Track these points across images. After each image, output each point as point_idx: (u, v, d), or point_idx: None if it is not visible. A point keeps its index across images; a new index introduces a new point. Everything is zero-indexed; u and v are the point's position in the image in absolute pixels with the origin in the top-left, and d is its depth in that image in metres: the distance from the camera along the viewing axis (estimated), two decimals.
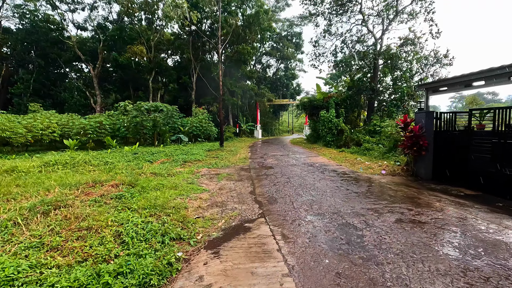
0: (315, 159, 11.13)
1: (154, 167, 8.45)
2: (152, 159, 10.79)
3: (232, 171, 8.44)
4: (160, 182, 6.23)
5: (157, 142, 17.41)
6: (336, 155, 12.40)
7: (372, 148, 12.54)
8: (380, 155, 10.91)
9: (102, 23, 31.73)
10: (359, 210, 4.68)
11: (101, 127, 16.63)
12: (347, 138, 15.16)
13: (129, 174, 7.25)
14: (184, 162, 10.16)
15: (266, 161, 10.79)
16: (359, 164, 9.72)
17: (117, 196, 4.97)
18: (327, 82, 22.73)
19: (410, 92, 15.99)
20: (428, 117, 7.56)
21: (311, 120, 22.04)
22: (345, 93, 19.86)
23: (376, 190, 6.09)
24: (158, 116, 16.95)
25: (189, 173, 7.84)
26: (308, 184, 6.62)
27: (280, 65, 43.62)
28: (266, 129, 39.71)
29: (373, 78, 18.35)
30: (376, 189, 6.24)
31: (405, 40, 17.50)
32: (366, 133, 15.70)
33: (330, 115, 15.73)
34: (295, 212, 4.59)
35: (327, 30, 19.10)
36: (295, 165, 9.61)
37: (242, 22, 31.25)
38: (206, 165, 9.50)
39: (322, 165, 9.60)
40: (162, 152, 12.46)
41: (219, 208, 4.79)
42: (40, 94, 31.49)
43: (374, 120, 15.61)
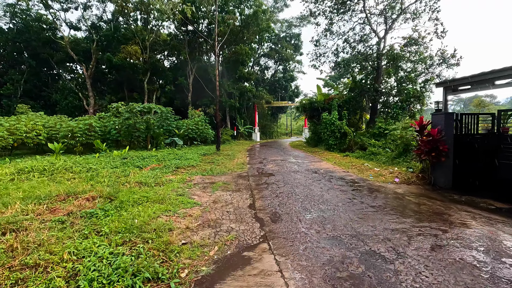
0: (319, 165, 10.30)
1: (142, 175, 7.57)
2: (142, 164, 9.93)
3: (229, 179, 7.59)
4: (144, 194, 5.37)
5: (150, 146, 16.52)
6: (341, 160, 11.59)
7: (379, 153, 11.75)
8: (389, 161, 10.11)
9: (96, 23, 30.87)
10: (382, 231, 3.85)
11: (90, 129, 15.73)
12: (350, 142, 14.37)
13: (112, 184, 6.38)
14: (177, 168, 9.30)
15: (266, 167, 9.96)
16: (368, 170, 8.91)
17: (88, 214, 4.10)
18: (328, 83, 21.99)
19: (416, 93, 15.25)
20: (448, 119, 6.78)
21: (311, 122, 21.26)
22: (347, 94, 19.12)
23: (395, 203, 5.27)
24: (151, 118, 16.08)
25: (180, 182, 6.98)
26: (316, 196, 5.79)
27: (279, 66, 42.92)
28: (264, 131, 38.91)
29: (376, 79, 17.64)
30: (395, 201, 5.41)
31: (409, 39, 16.81)
32: (370, 136, 14.93)
33: (333, 118, 14.94)
34: (304, 235, 3.75)
35: (328, 29, 18.38)
36: (298, 172, 8.78)
37: (240, 22, 30.55)
38: (200, 171, 8.64)
39: (327, 172, 8.78)
40: (154, 157, 11.58)
41: (212, 229, 3.93)
42: (32, 95, 30.53)
43: (379, 123, 14.84)
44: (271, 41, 39.37)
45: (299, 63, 41.76)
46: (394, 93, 16.59)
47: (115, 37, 29.01)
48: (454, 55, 15.17)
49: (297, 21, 38.32)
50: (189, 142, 20.16)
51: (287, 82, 42.92)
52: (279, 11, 38.02)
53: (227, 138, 25.86)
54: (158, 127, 16.94)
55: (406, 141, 9.95)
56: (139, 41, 28.28)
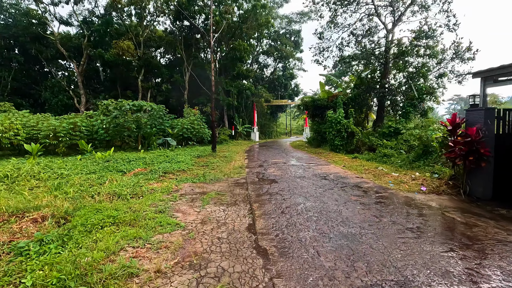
0: (327, 169, 9.11)
1: (119, 183, 6.35)
2: (126, 168, 8.72)
3: (224, 188, 6.38)
4: (112, 212, 4.15)
5: (141, 146, 15.29)
6: (350, 162, 10.40)
7: (392, 154, 10.57)
8: (406, 164, 8.92)
9: (87, 18, 29.53)
10: (439, 273, 2.65)
11: (75, 129, 14.48)
12: (358, 142, 13.19)
13: (78, 196, 5.17)
14: (164, 173, 8.08)
15: (267, 171, 8.75)
16: (385, 176, 7.72)
17: (17, 249, 2.89)
18: (331, 80, 20.79)
19: (429, 90, 14.10)
20: (489, 115, 5.60)
21: (313, 121, 20.08)
22: (352, 91, 17.95)
23: (437, 224, 4.08)
24: (142, 116, 14.84)
25: (164, 192, 5.76)
26: (331, 212, 4.59)
27: (278, 64, 41.70)
28: (263, 131, 37.71)
29: (384, 75, 16.47)
30: (435, 221, 4.22)
31: (419, 33, 15.62)
32: (379, 136, 13.76)
33: (339, 116, 13.75)
34: (329, 282, 2.55)
35: (332, 21, 17.16)
36: (305, 178, 7.58)
37: (238, 18, 29.33)
38: (191, 178, 7.43)
39: (338, 178, 7.59)
40: (142, 159, 10.36)
41: (194, 273, 2.72)
42: (21, 93, 29.19)
43: (389, 122, 13.67)
44: (270, 38, 38.15)
45: (299, 61, 40.61)
46: (404, 90, 15.42)
47: (108, 32, 27.70)
48: (470, 48, 14.01)
49: (297, 17, 37.13)
50: (183, 142, 18.93)
51: (286, 80, 41.71)
52: (279, 6, 36.84)
53: (225, 138, 24.64)
54: (150, 126, 15.72)
55: (426, 142, 8.76)
56: (132, 36, 27.02)
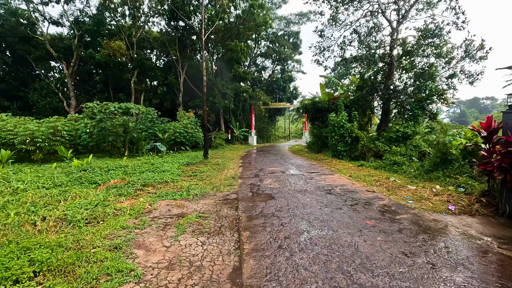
0: (331, 179, 7.99)
1: (82, 201, 5.20)
2: (101, 179, 7.58)
3: (209, 207, 5.24)
4: (45, 253, 3.01)
5: (128, 152, 14.13)
6: (356, 171, 9.29)
7: (403, 162, 9.47)
8: (422, 174, 7.81)
9: (79, 17, 28.45)
10: None
11: (56, 133, 13.34)
12: (363, 148, 12.10)
13: (17, 222, 4.02)
14: (143, 186, 6.93)
15: (263, 182, 7.62)
16: (399, 189, 6.62)
17: None
18: (333, 81, 19.76)
19: (439, 91, 13.06)
20: None
21: (313, 125, 19.00)
22: (355, 93, 16.90)
23: (493, 269, 2.96)
24: (128, 119, 13.70)
25: (133, 215, 4.62)
26: (345, 246, 3.47)
27: (276, 66, 40.74)
28: (261, 135, 36.60)
29: (389, 76, 15.45)
30: (489, 264, 3.10)
31: (425, 31, 14.63)
32: (386, 141, 12.69)
33: (342, 119, 12.66)
34: None
35: (334, 18, 16.16)
36: (306, 192, 6.45)
37: (234, 18, 28.39)
38: (172, 192, 6.28)
39: (346, 192, 6.47)
40: (123, 168, 9.22)
41: None
42: (9, 96, 28.04)
43: (396, 125, 12.59)
44: (269, 40, 37.25)
45: (298, 63, 39.70)
46: (411, 91, 14.37)
47: (99, 32, 26.64)
48: (483, 47, 13.02)
49: (296, 17, 36.29)
50: (176, 147, 17.80)
51: (285, 83, 40.72)
52: (277, 7, 35.98)
53: (220, 143, 23.50)
54: (138, 131, 14.58)
55: (444, 149, 7.68)
56: (125, 36, 25.97)
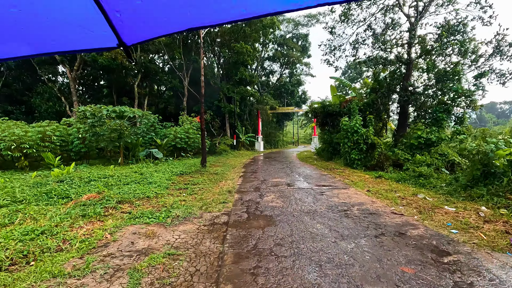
0: (346, 195, 6.66)
1: (29, 227, 4.07)
2: (76, 192, 6.52)
3: (187, 237, 4.01)
4: None
5: (121, 159, 13.10)
6: (375, 184, 7.92)
7: (429, 174, 8.05)
8: (458, 190, 6.40)
9: None
10: None
11: (45, 139, 12.46)
12: (381, 157, 10.69)
13: None
14: (119, 202, 5.78)
15: (264, 199, 6.35)
16: (434, 210, 5.24)
17: None
18: (344, 83, 18.41)
19: (465, 92, 11.59)
20: None
21: (323, 130, 17.65)
22: (369, 95, 15.52)
23: None
24: (121, 124, 12.70)
25: (80, 250, 3.43)
26: None
27: (284, 70, 39.59)
28: (268, 140, 35.33)
29: (407, 76, 14.06)
30: None
31: (448, 27, 13.21)
32: (406, 149, 11.26)
33: (356, 124, 11.30)
34: None
35: (345, 15, 14.90)
36: (316, 213, 5.16)
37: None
38: (149, 212, 5.09)
39: (366, 214, 5.15)
40: (106, 179, 8.13)
41: None
42: (13, 100, 27.79)
43: (418, 131, 11.15)
44: (276, 43, 36.21)
45: (307, 66, 38.43)
46: (433, 93, 12.92)
47: None
48: None
49: (304, 19, 35.19)
50: (176, 153, 16.73)
51: (293, 86, 39.51)
52: None
53: (225, 149, 22.35)
54: (134, 136, 13.58)
55: (486, 160, 6.25)
56: None
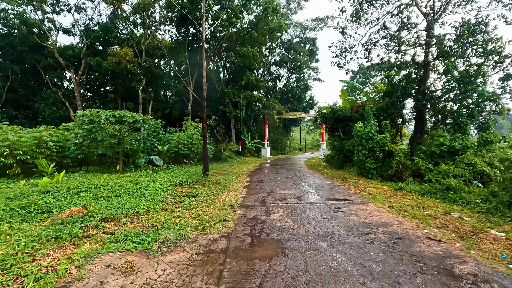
0: (366, 212, 5.74)
1: None
2: (60, 206, 5.81)
3: (174, 273, 3.17)
4: None
5: (119, 166, 12.41)
6: (396, 199, 6.97)
7: (459, 187, 7.08)
8: (499, 208, 5.44)
9: (89, 26, 27.96)
10: None
11: (41, 145, 11.88)
12: (399, 166, 9.72)
13: None
14: (103, 219, 5.01)
15: (270, 217, 5.49)
16: (477, 234, 4.31)
17: None
18: (356, 87, 17.51)
19: (491, 96, 10.59)
20: None
21: (333, 136, 16.75)
22: (383, 100, 14.60)
23: None
24: (120, 129, 12.04)
25: None
26: None
27: (292, 75, 38.88)
28: (275, 146, 34.46)
29: (424, 79, 13.13)
30: None
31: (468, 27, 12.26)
32: (426, 157, 10.27)
33: (372, 130, 10.37)
34: None
35: (356, 15, 14.10)
36: (335, 239, 4.27)
37: (247, 24, 26.98)
38: (135, 234, 4.29)
39: (395, 238, 4.24)
40: (97, 190, 7.40)
41: None
42: (18, 105, 27.71)
43: (440, 138, 10.16)
44: (283, 47, 35.62)
45: (315, 70, 37.61)
46: (454, 96, 11.92)
47: (108, 40, 25.89)
48: None
49: (312, 23, 34.54)
50: (178, 160, 16.02)
51: (301, 91, 38.72)
52: (292, 13, 34.42)
53: (230, 155, 21.57)
54: (134, 142, 12.92)
55: None
56: (133, 43, 25.01)
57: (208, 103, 28.05)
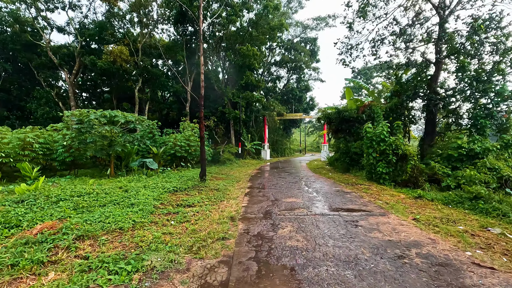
0: (389, 227, 4.93)
1: None
2: (32, 218, 4.98)
3: None
4: None
5: (110, 170, 11.55)
6: (417, 208, 6.16)
7: (489, 196, 6.28)
8: None
9: (86, 25, 27.12)
10: None
11: (25, 147, 11.02)
12: (414, 170, 8.92)
13: None
14: (78, 238, 4.18)
15: (278, 233, 4.66)
16: None
17: None
18: (360, 85, 16.74)
19: (511, 95, 9.83)
20: None
21: (338, 138, 15.95)
22: (390, 99, 13.83)
23: None
24: (111, 129, 11.20)
25: None
26: None
27: (292, 76, 38.11)
28: (275, 148, 33.64)
29: (435, 77, 12.38)
30: None
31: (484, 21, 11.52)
32: (443, 160, 9.48)
33: (383, 131, 9.57)
34: None
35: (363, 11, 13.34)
36: (360, 264, 3.46)
37: (247, 22, 26.23)
38: (114, 258, 3.47)
39: (432, 262, 3.44)
40: (80, 198, 6.56)
41: None
42: (10, 105, 26.77)
43: (458, 140, 9.38)
44: (284, 47, 34.88)
45: (316, 70, 36.86)
46: (469, 95, 11.15)
47: (103, 38, 25.04)
48: None
49: (313, 22, 33.84)
50: (175, 163, 15.17)
51: (301, 92, 37.93)
52: (293, 12, 33.69)
53: (229, 157, 20.74)
54: (126, 144, 12.07)
55: None
56: (130, 42, 24.17)
57: (207, 103, 27.24)
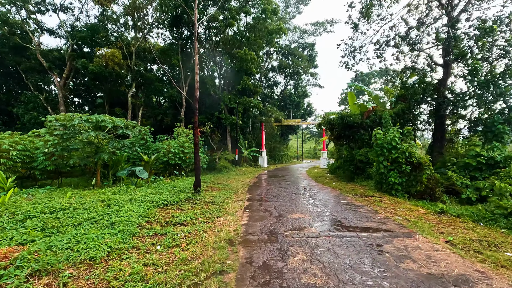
0: (422, 254, 4.07)
1: None
2: None
3: None
4: None
5: (96, 180, 10.55)
6: (444, 226, 5.33)
7: None
8: None
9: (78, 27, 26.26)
10: None
11: (0, 154, 10.02)
12: (430, 181, 8.12)
13: None
14: (35, 273, 3.24)
15: (288, 264, 3.76)
16: None
17: None
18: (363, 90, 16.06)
19: None
20: None
21: (341, 145, 15.18)
22: (396, 104, 13.14)
23: None
24: (100, 135, 10.26)
25: None
26: None
27: (289, 81, 37.56)
28: (272, 155, 32.79)
29: (443, 81, 11.74)
30: None
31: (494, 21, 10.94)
32: (460, 169, 8.71)
33: (395, 137, 8.78)
34: None
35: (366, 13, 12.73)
36: None
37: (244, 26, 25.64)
38: None
39: None
40: (53, 214, 5.61)
41: None
42: None
43: (476, 147, 8.64)
44: (281, 52, 34.38)
45: (314, 76, 36.35)
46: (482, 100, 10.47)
47: (95, 41, 24.19)
48: None
49: (311, 28, 33.44)
50: (168, 171, 14.22)
51: (299, 98, 37.32)
52: (291, 17, 33.28)
53: (225, 165, 19.82)
54: (114, 150, 11.14)
55: None
56: (123, 45, 23.35)
57: (202, 109, 26.41)
